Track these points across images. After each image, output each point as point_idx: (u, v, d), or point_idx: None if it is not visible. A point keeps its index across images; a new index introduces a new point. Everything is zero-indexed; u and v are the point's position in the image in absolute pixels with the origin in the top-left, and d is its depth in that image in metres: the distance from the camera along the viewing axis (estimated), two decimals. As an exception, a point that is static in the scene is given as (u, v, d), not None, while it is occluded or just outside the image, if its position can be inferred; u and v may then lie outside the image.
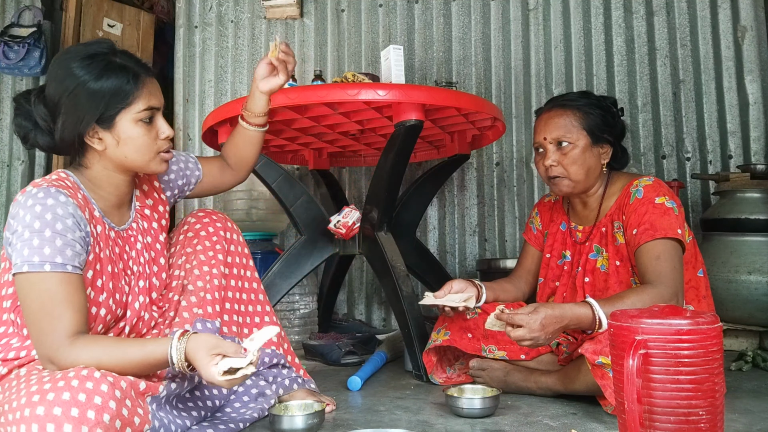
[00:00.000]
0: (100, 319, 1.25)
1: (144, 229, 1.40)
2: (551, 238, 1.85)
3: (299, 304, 2.64)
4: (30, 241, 1.14)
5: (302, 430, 1.33)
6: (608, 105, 1.72)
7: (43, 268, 1.13)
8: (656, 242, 1.55)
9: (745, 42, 2.86)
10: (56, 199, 1.17)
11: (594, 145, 1.67)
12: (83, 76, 1.22)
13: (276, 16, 3.39)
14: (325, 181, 2.83)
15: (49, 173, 1.29)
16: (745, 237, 2.37)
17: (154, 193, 1.48)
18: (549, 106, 1.74)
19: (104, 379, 1.04)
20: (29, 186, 1.20)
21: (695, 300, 1.66)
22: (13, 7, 3.66)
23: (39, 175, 3.59)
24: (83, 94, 1.22)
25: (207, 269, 1.45)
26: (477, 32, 3.20)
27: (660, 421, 1.02)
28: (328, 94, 1.88)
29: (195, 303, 1.41)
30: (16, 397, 1.03)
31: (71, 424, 0.97)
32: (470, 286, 1.74)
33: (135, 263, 1.36)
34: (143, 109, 1.26)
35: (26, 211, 1.16)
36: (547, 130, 1.68)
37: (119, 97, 1.24)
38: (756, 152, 2.82)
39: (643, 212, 1.59)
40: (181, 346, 1.14)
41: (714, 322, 1.05)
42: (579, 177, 1.67)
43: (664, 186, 1.65)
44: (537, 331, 1.41)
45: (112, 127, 1.25)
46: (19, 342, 1.22)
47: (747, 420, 1.39)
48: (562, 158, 1.66)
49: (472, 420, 1.45)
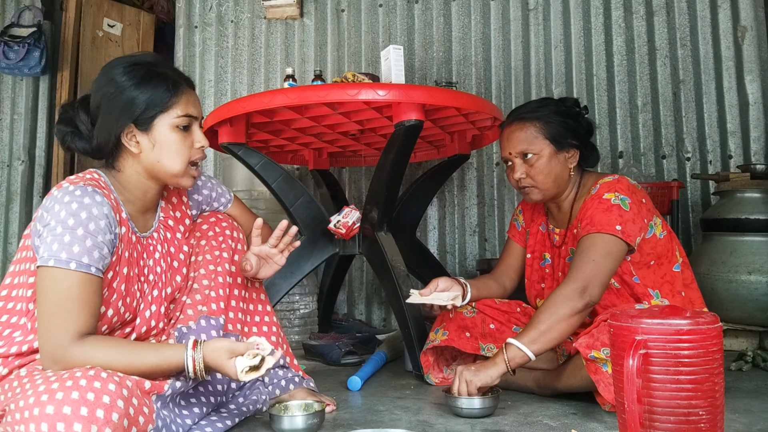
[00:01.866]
0: (107, 319, 1.25)
1: (166, 239, 1.42)
2: (532, 238, 1.87)
3: (299, 304, 2.64)
4: (61, 237, 1.15)
5: (302, 430, 1.33)
6: (568, 109, 1.72)
7: (69, 266, 1.14)
8: (588, 236, 1.57)
9: (745, 42, 2.86)
10: (93, 199, 1.19)
11: (559, 152, 1.69)
12: (124, 82, 1.27)
13: (276, 16, 3.39)
14: (325, 181, 2.83)
15: (50, 173, 1.30)
16: (745, 237, 2.37)
17: (183, 206, 1.51)
18: (510, 120, 1.75)
19: (111, 378, 1.05)
20: (64, 182, 1.22)
21: (669, 294, 1.66)
22: (13, 7, 3.66)
23: (39, 175, 3.59)
24: (123, 97, 1.26)
25: (212, 268, 1.46)
26: (477, 32, 3.20)
27: (660, 421, 1.02)
28: (328, 94, 1.88)
29: (200, 300, 1.41)
30: (22, 396, 1.03)
31: (81, 423, 0.97)
32: (455, 284, 1.76)
33: (151, 272, 1.37)
34: (181, 115, 1.30)
35: (62, 206, 1.17)
36: (511, 144, 1.71)
37: (158, 102, 1.28)
38: (756, 152, 2.82)
39: (589, 207, 1.60)
40: (198, 356, 1.18)
41: (714, 322, 1.05)
42: (547, 185, 1.69)
43: (625, 183, 1.63)
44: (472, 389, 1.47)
45: (150, 130, 1.29)
46: (22, 336, 1.22)
47: (747, 420, 1.39)
48: (529, 170, 1.68)
49: (472, 420, 1.45)
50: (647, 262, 1.64)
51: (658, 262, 1.65)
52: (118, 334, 1.31)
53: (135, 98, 1.26)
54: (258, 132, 2.32)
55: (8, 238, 3.58)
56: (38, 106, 3.65)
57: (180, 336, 1.34)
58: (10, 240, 3.57)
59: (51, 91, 3.62)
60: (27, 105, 3.64)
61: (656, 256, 1.65)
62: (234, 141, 2.13)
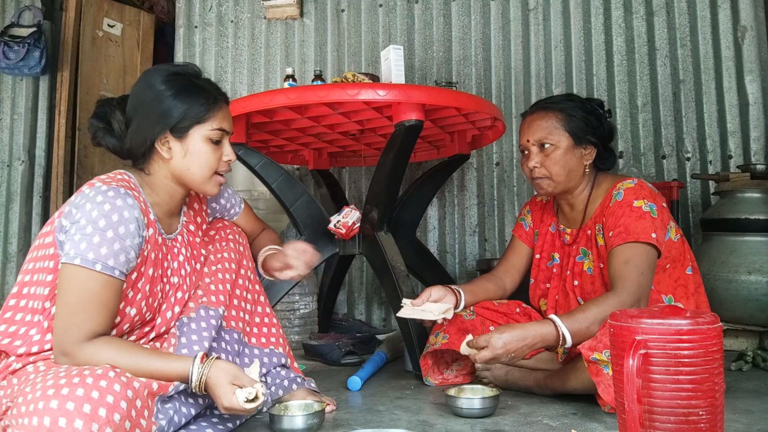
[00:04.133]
0: (128, 318, 1.26)
1: (189, 242, 1.44)
2: (541, 239, 1.87)
3: (299, 304, 2.64)
4: (91, 237, 1.16)
5: (302, 430, 1.33)
6: (593, 107, 1.73)
7: (95, 267, 1.16)
8: (627, 246, 1.56)
9: (745, 42, 2.86)
10: (125, 201, 1.20)
11: (576, 147, 1.69)
12: (165, 90, 1.31)
13: (276, 16, 3.39)
14: (325, 181, 2.83)
15: (50, 173, 1.31)
16: (745, 237, 2.37)
17: (203, 213, 1.55)
18: (533, 109, 1.76)
19: (118, 378, 1.06)
20: (96, 181, 1.23)
21: (684, 297, 1.67)
22: (13, 7, 3.66)
23: (39, 175, 3.58)
24: (162, 104, 1.30)
25: (215, 268, 1.48)
26: (477, 32, 3.20)
27: (660, 421, 1.02)
28: (328, 94, 1.88)
29: (201, 295, 1.43)
30: (30, 389, 1.04)
31: (83, 420, 0.98)
32: (449, 294, 1.74)
33: (175, 274, 1.38)
34: (215, 128, 1.34)
35: (94, 206, 1.18)
36: (530, 131, 1.71)
37: (195, 113, 1.32)
38: (756, 152, 2.82)
39: (620, 215, 1.60)
40: (203, 372, 1.19)
41: (714, 322, 1.05)
42: (560, 177, 1.69)
43: (647, 188, 1.64)
44: (499, 349, 1.45)
45: (184, 138, 1.32)
46: (39, 335, 1.23)
47: (747, 420, 1.39)
48: (545, 159, 1.68)
49: (472, 420, 1.45)
50: (663, 265, 1.65)
51: (672, 265, 1.66)
52: (138, 333, 1.32)
53: (173, 108, 1.30)
54: (258, 132, 2.32)
55: (8, 238, 3.58)
56: (38, 106, 3.65)
57: (180, 326, 1.35)
58: (10, 240, 3.57)
59: (51, 91, 3.62)
60: (27, 105, 3.64)
61: (671, 260, 1.65)
62: (234, 141, 2.13)
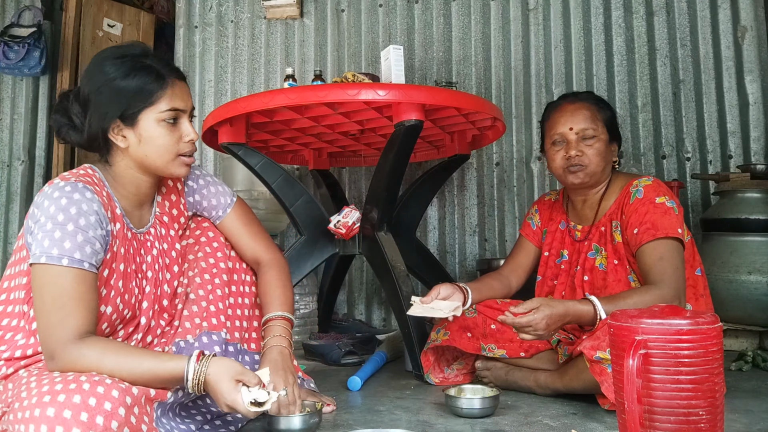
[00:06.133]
0: (106, 317, 1.24)
1: (161, 236, 1.40)
2: (550, 237, 1.86)
3: (299, 304, 2.63)
4: (52, 233, 1.14)
5: (301, 430, 1.33)
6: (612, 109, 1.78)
7: (61, 262, 1.13)
8: (658, 242, 1.57)
9: (745, 42, 2.86)
10: (82, 195, 1.18)
11: (610, 142, 1.72)
12: (112, 74, 1.25)
13: (276, 16, 3.39)
14: (325, 181, 2.83)
15: (50, 173, 1.31)
16: (745, 237, 2.37)
17: (180, 205, 1.48)
18: (571, 99, 1.76)
19: (116, 385, 1.04)
20: (56, 178, 1.22)
21: (693, 298, 1.68)
22: (13, 7, 3.66)
23: (39, 175, 3.59)
24: (109, 90, 1.25)
25: (209, 277, 1.44)
26: (477, 32, 3.20)
27: (660, 421, 1.02)
28: (328, 94, 1.88)
29: (197, 313, 1.40)
30: (26, 396, 1.02)
31: (80, 429, 0.96)
32: (457, 291, 1.73)
33: (149, 268, 1.35)
34: (166, 109, 1.28)
35: (51, 202, 1.16)
36: (574, 120, 1.69)
37: (142, 96, 1.25)
38: (756, 152, 2.82)
39: (644, 212, 1.61)
40: (201, 369, 1.13)
41: (714, 322, 1.05)
42: (598, 168, 1.69)
43: (664, 186, 1.67)
44: (540, 321, 1.46)
45: (135, 125, 1.27)
46: (24, 338, 1.21)
47: (747, 420, 1.39)
48: (587, 149, 1.68)
49: (472, 420, 1.45)
50: None
51: (683, 266, 1.65)
52: (122, 335, 1.29)
53: (120, 91, 1.24)
54: (258, 132, 2.32)
55: (8, 238, 3.58)
56: (38, 106, 3.65)
57: (178, 351, 1.33)
58: (10, 240, 3.57)
59: (51, 91, 3.62)
60: (27, 105, 3.64)
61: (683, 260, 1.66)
62: (234, 141, 2.13)
